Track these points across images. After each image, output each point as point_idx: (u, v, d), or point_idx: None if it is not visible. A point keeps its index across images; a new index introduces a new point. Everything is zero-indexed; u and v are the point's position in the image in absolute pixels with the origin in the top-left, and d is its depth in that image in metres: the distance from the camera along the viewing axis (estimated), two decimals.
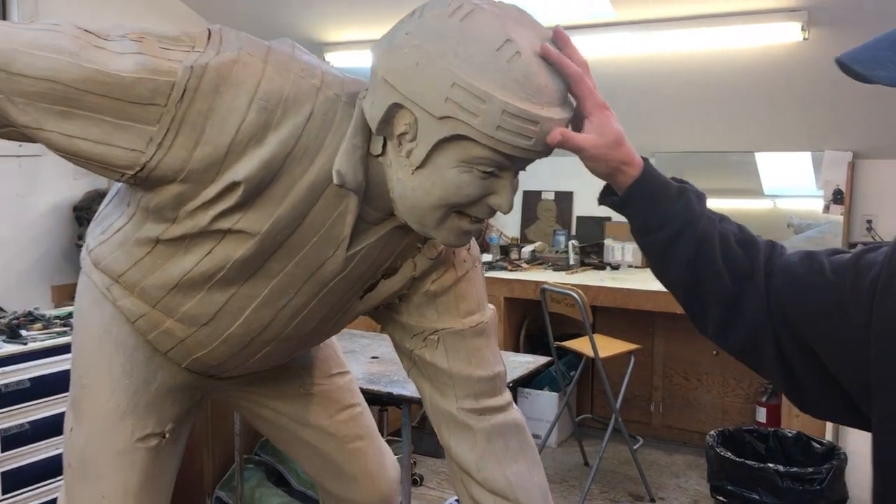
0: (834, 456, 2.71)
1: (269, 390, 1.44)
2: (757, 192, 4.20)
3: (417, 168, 0.99)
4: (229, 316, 1.19)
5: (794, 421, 3.38)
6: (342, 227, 1.11)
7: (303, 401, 1.45)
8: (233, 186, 1.03)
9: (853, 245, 3.47)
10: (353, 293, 1.21)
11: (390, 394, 2.29)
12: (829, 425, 3.24)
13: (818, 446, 2.83)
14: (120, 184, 1.34)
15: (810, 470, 2.58)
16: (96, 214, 1.37)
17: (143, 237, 1.17)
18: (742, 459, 2.69)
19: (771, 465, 2.63)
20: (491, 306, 1.30)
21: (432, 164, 0.98)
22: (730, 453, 2.74)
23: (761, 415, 3.75)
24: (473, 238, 1.21)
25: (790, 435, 2.93)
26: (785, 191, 4.20)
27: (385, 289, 1.22)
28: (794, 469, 2.60)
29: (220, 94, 1.00)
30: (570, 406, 3.95)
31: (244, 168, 1.02)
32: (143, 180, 1.06)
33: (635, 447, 3.50)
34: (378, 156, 1.05)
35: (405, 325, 1.27)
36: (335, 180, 1.03)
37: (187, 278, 1.15)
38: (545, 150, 0.97)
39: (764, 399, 3.76)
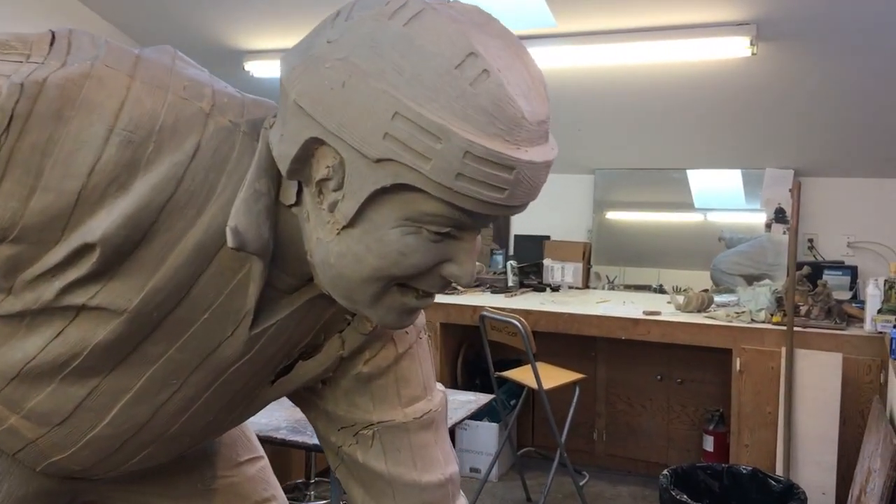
0: (793, 495, 2.55)
1: (159, 488, 1.13)
2: (689, 206, 4.19)
3: (345, 227, 0.73)
4: (91, 414, 0.90)
5: (743, 451, 3.24)
6: (243, 300, 0.83)
7: (203, 500, 1.15)
8: (85, 249, 0.75)
9: (800, 266, 3.36)
10: (260, 378, 0.94)
11: (318, 446, 2.02)
12: (780, 458, 3.11)
13: (775, 484, 2.68)
14: None
15: None
16: None
17: None
18: (699, 503, 2.51)
19: None
20: (440, 386, 1.04)
21: (366, 222, 0.72)
22: (685, 496, 2.56)
23: (708, 443, 3.60)
24: None
25: (745, 472, 2.78)
26: (714, 204, 4.22)
27: (303, 372, 0.95)
28: None
29: (63, 121, 0.71)
30: (511, 438, 3.73)
31: (101, 224, 0.74)
32: None
33: (581, 483, 3.30)
34: (291, 205, 0.79)
35: (330, 415, 1.00)
36: (230, 242, 0.76)
37: (32, 366, 0.86)
38: (522, 205, 0.72)
39: (710, 427, 3.62)
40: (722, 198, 4.21)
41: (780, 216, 3.94)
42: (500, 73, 0.68)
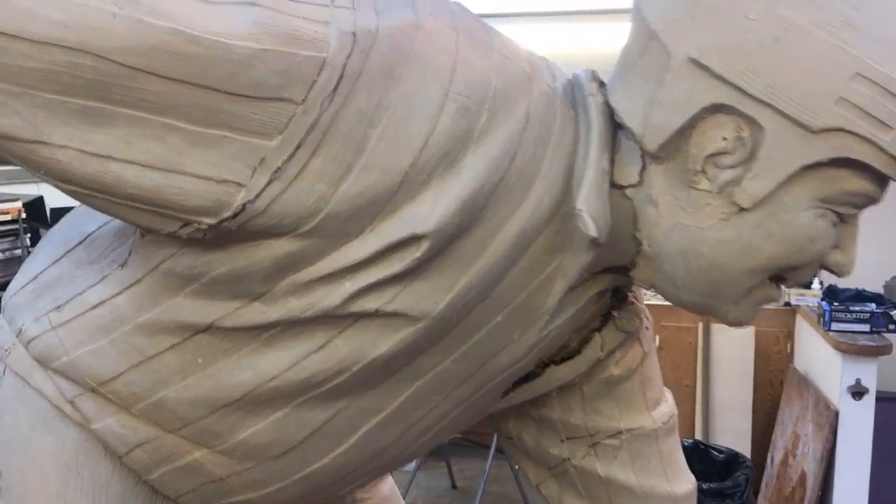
0: (739, 465, 2.68)
1: None
2: None
3: (742, 210, 0.62)
4: (325, 443, 0.72)
5: None
6: (544, 298, 0.69)
7: None
8: (407, 242, 0.59)
9: None
10: (503, 388, 0.80)
11: None
12: (698, 427, 3.27)
13: (717, 454, 2.79)
14: (76, 217, 0.80)
15: (729, 484, 2.52)
16: (24, 268, 0.81)
17: (162, 321, 0.67)
18: None
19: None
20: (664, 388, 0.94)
21: (771, 204, 0.61)
22: None
23: None
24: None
25: (687, 444, 2.88)
26: None
27: (553, 378, 0.81)
28: (714, 485, 2.52)
29: (395, 81, 0.56)
30: None
31: (429, 210, 0.58)
32: (223, 235, 0.58)
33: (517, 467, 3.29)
34: (626, 187, 0.67)
35: (554, 424, 0.87)
36: (592, 231, 0.62)
37: (266, 389, 0.67)
38: None
39: None
40: None
41: None
42: None
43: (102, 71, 0.51)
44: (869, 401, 2.56)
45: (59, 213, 3.12)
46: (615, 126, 0.67)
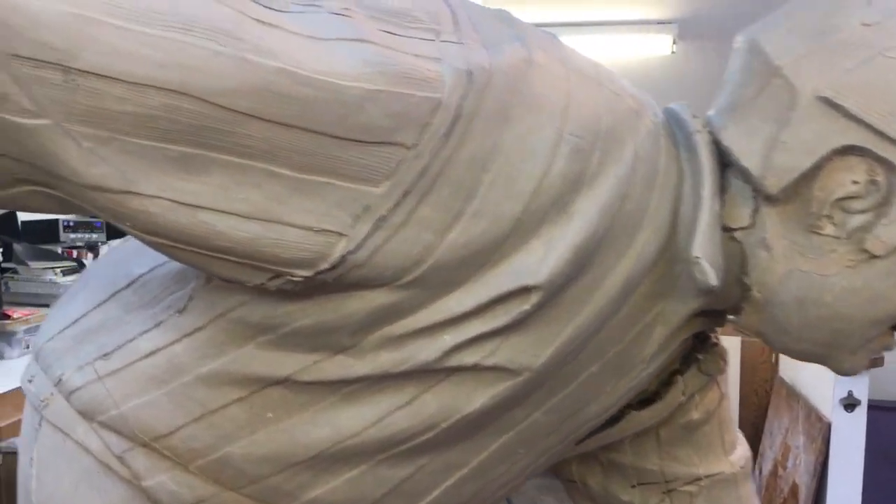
0: None
1: None
2: None
3: (873, 257, 0.59)
4: (402, 501, 0.68)
5: None
6: (642, 347, 0.66)
7: None
8: (515, 294, 0.55)
9: None
10: (582, 437, 0.76)
11: None
12: None
13: None
14: (121, 258, 0.74)
15: None
16: (57, 311, 0.75)
17: (228, 373, 0.62)
18: None
19: None
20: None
21: None
22: None
23: None
24: None
25: None
26: None
27: (633, 424, 0.77)
28: None
29: (510, 122, 0.53)
30: None
31: (540, 260, 0.55)
32: (314, 286, 0.54)
33: None
34: (736, 229, 0.63)
35: (627, 469, 0.83)
36: (711, 279, 0.59)
37: (346, 446, 0.63)
38: None
39: None
40: None
41: None
42: None
43: (202, 114, 0.48)
44: (861, 412, 2.57)
45: (31, 225, 3.01)
46: (723, 165, 0.64)
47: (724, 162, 0.64)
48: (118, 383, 0.67)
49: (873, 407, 2.60)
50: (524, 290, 0.55)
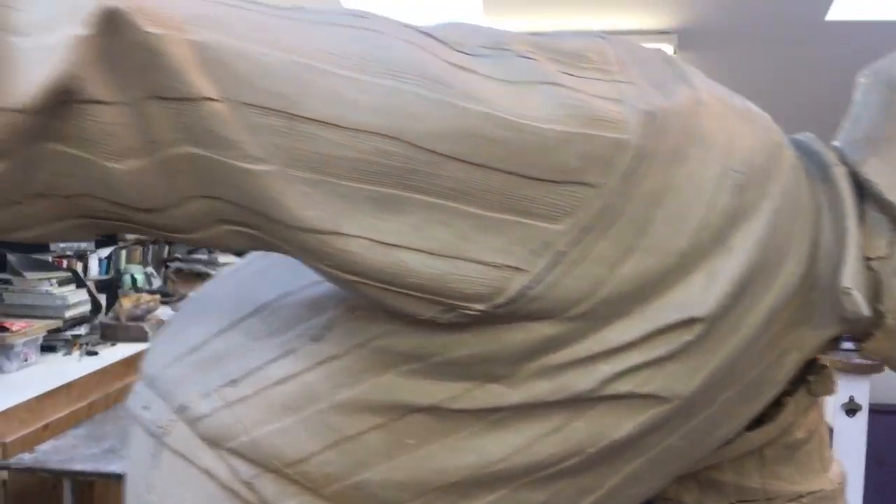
0: None
1: None
2: None
3: None
4: None
5: None
6: (777, 372, 0.67)
7: None
8: (677, 326, 0.57)
9: None
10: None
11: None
12: None
13: None
14: (241, 284, 0.72)
15: None
16: (169, 338, 0.73)
17: (366, 400, 0.62)
18: None
19: None
20: None
21: None
22: None
23: None
24: None
25: None
26: None
27: (745, 445, 0.78)
28: None
29: (680, 161, 0.55)
30: None
31: (702, 293, 0.57)
32: (480, 318, 0.55)
33: None
34: (873, 259, 0.65)
35: (726, 487, 0.83)
36: (861, 309, 0.60)
37: (484, 473, 0.62)
38: None
39: None
40: None
41: None
42: None
43: (408, 157, 0.50)
44: (862, 417, 2.62)
45: None
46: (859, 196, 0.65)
47: (860, 193, 0.65)
48: (248, 410, 0.65)
49: (874, 411, 2.66)
50: (689, 322, 0.57)
